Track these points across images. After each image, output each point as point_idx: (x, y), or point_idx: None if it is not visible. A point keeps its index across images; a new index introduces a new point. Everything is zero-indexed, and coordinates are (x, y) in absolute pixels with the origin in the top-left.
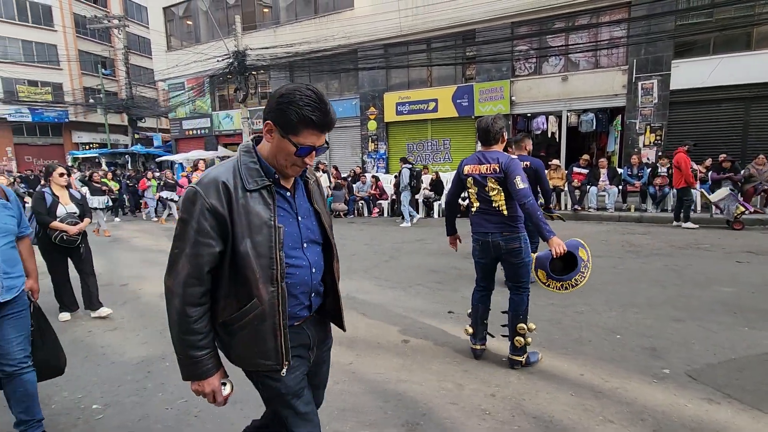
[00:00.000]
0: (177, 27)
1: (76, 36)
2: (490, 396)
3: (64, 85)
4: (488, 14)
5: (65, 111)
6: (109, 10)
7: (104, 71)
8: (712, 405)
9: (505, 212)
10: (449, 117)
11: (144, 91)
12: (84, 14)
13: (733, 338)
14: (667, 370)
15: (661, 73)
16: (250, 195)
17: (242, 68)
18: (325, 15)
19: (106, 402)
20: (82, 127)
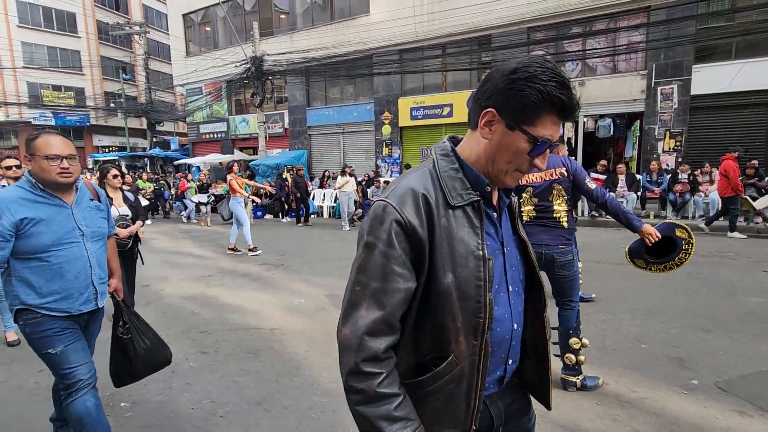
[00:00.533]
0: (196, 33)
1: (98, 42)
2: None
3: (86, 89)
4: (504, 20)
5: (87, 115)
6: (131, 17)
7: (125, 76)
8: (745, 417)
9: (565, 224)
10: (464, 122)
11: (163, 95)
12: (106, 21)
13: (763, 349)
14: (696, 381)
15: (681, 78)
16: (453, 213)
17: (259, 73)
18: (341, 21)
19: (134, 401)
20: (102, 130)
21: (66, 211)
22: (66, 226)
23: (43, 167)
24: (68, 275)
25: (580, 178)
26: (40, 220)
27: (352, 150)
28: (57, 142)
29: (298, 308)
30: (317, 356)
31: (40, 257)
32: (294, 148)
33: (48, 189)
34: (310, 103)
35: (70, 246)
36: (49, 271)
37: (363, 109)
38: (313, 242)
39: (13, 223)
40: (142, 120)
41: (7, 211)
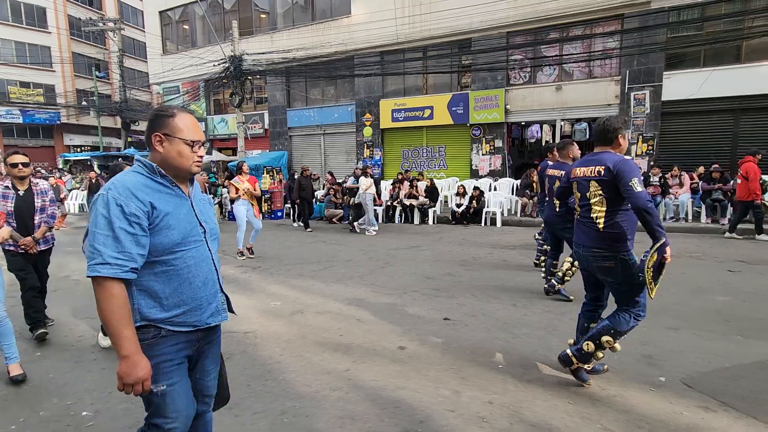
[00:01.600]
0: (173, 31)
1: (70, 38)
2: (488, 403)
3: (56, 86)
4: (484, 24)
5: (57, 113)
6: (105, 12)
7: (98, 74)
8: (709, 413)
9: (600, 226)
10: (444, 124)
11: (138, 94)
12: (78, 16)
13: (727, 347)
14: (663, 377)
15: (653, 84)
16: None
17: (238, 73)
18: (322, 21)
19: (97, 409)
20: (74, 129)
21: (187, 204)
22: (190, 221)
23: (183, 153)
24: (196, 281)
25: (624, 178)
26: (167, 213)
27: (333, 151)
28: (198, 126)
29: (275, 311)
30: (292, 359)
31: (166, 260)
32: (274, 149)
33: (168, 176)
34: (291, 103)
35: (196, 246)
36: (177, 278)
37: (344, 110)
38: (291, 244)
39: (145, 213)
40: (117, 119)
41: (135, 198)
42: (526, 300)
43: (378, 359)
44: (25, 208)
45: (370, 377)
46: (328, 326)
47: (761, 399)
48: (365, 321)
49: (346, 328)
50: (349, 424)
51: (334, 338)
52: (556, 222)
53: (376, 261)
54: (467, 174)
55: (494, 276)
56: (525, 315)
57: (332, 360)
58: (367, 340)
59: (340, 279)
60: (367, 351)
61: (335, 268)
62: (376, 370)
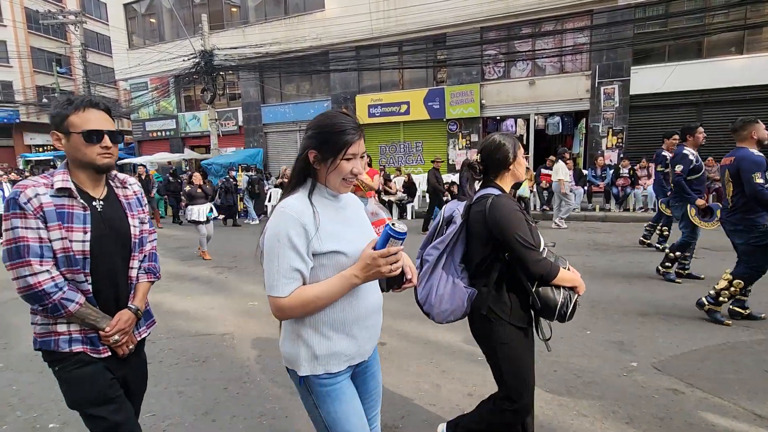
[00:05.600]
0: (139, 24)
1: (27, 32)
2: (468, 395)
3: (14, 83)
4: (458, 18)
5: (16, 111)
6: (65, 5)
7: (59, 69)
8: (678, 395)
9: (730, 203)
10: (421, 119)
11: (104, 90)
12: (36, 9)
13: (694, 330)
14: (635, 363)
15: (621, 79)
16: None
17: (210, 68)
18: (295, 15)
19: (65, 420)
20: (34, 128)
21: None
22: None
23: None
24: None
25: (743, 173)
26: None
27: None
28: None
29: (251, 311)
30: (270, 360)
31: None
32: (249, 147)
33: None
34: (265, 99)
35: None
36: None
37: (320, 106)
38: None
39: None
40: None
41: None
42: None
43: None
44: (113, 239)
45: None
46: None
47: (725, 379)
48: None
49: None
50: None
51: None
52: None
53: None
54: (444, 169)
55: None
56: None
57: None
58: None
59: None
60: None
61: None
62: None
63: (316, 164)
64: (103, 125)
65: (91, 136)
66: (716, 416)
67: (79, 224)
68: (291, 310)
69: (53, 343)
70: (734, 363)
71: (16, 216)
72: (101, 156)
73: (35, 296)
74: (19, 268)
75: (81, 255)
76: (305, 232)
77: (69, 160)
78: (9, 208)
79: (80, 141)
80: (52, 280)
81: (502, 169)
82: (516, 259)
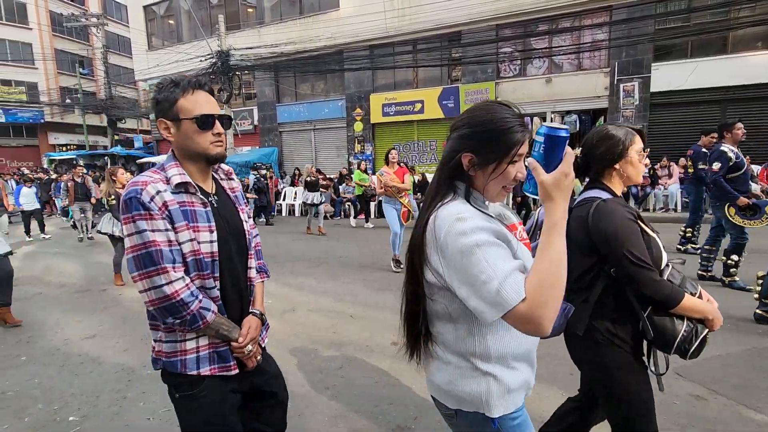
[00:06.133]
0: (158, 26)
1: (52, 34)
2: None
3: (39, 84)
4: (473, 16)
5: (41, 111)
6: (87, 8)
7: (82, 70)
8: (700, 401)
9: None
10: (435, 118)
11: (124, 91)
12: (60, 12)
13: (718, 334)
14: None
15: (641, 76)
16: None
17: (226, 68)
18: (310, 15)
19: (84, 413)
20: (58, 128)
21: None
22: None
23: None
24: None
25: None
26: None
27: (323, 147)
28: None
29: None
30: (284, 359)
31: None
32: (264, 146)
33: None
34: (280, 99)
35: None
36: None
37: (334, 105)
38: (281, 242)
39: None
40: (102, 117)
41: None
42: None
43: (371, 356)
44: (232, 237)
45: (363, 374)
46: (321, 324)
47: (751, 386)
48: (358, 318)
49: (338, 326)
50: (343, 422)
51: (326, 336)
52: None
53: (370, 256)
54: None
55: None
56: None
57: (325, 358)
58: (361, 337)
59: (332, 276)
60: (360, 348)
61: (328, 265)
62: (369, 367)
63: (472, 170)
64: (213, 109)
65: (206, 122)
66: (740, 424)
67: (204, 223)
68: (542, 307)
69: (180, 365)
70: (760, 369)
71: (141, 217)
72: (214, 145)
73: (172, 308)
74: (153, 276)
75: (209, 257)
76: (496, 230)
77: (177, 152)
78: (131, 208)
79: (192, 128)
80: (187, 288)
81: (606, 166)
82: (625, 278)
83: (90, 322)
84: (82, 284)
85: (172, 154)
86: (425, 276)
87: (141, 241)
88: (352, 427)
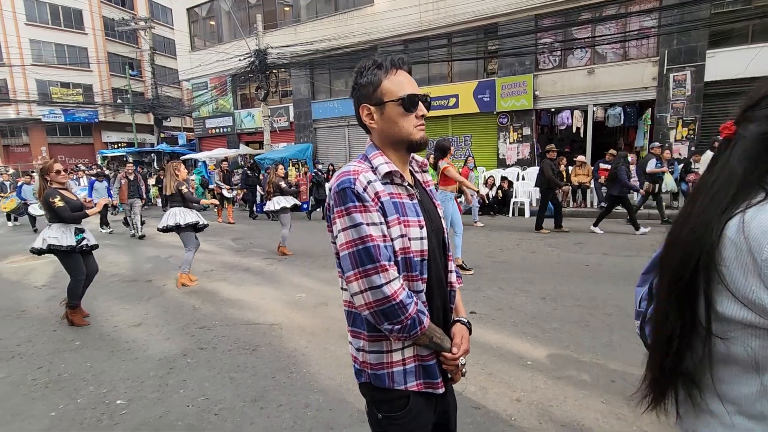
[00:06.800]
0: (200, 27)
1: (105, 38)
2: (516, 401)
3: (94, 86)
4: (511, 7)
5: (95, 111)
6: (136, 12)
7: (131, 72)
8: None
9: None
10: (470, 113)
11: (169, 90)
12: (112, 17)
13: None
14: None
15: (694, 64)
16: None
17: (263, 66)
18: (345, 12)
19: (130, 398)
20: (111, 126)
21: None
22: None
23: None
24: None
25: None
26: None
27: (357, 143)
28: None
29: (299, 303)
30: (316, 352)
31: None
32: (299, 142)
33: None
34: (315, 95)
35: None
36: None
37: None
38: (316, 236)
39: None
40: (150, 116)
41: None
42: (556, 293)
43: None
44: (435, 234)
45: None
46: None
47: None
48: None
49: None
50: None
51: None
52: None
53: None
54: (494, 164)
55: (522, 268)
56: (554, 309)
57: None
58: None
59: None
60: None
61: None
62: None
63: None
64: (415, 89)
65: (412, 103)
66: None
67: (413, 217)
68: None
69: (387, 378)
70: None
71: (356, 209)
72: (417, 129)
73: (391, 311)
74: (372, 275)
75: (419, 256)
76: None
77: (378, 140)
78: (345, 199)
79: (397, 111)
80: (404, 289)
81: None
82: None
83: (137, 311)
84: (130, 275)
85: (372, 144)
86: (718, 307)
87: (358, 236)
88: None
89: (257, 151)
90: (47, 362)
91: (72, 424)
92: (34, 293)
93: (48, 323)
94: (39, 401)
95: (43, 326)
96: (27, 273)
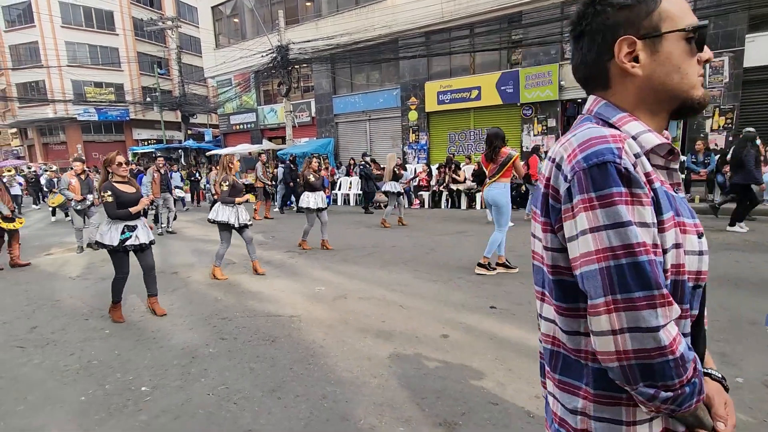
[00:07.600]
0: (225, 25)
1: (135, 38)
2: (535, 398)
3: (124, 85)
4: None
5: (126, 110)
6: (164, 12)
7: (160, 71)
8: None
9: None
10: (493, 105)
11: (195, 88)
12: (141, 17)
13: None
14: (741, 379)
15: (733, 49)
16: None
17: (285, 62)
18: (365, 5)
19: (154, 385)
20: (141, 124)
21: None
22: None
23: None
24: None
25: None
26: None
27: (378, 137)
28: None
29: (318, 296)
30: (333, 345)
31: None
32: (321, 137)
33: None
34: (336, 90)
35: None
36: None
37: (389, 95)
38: (337, 230)
39: None
40: (177, 113)
41: None
42: None
43: (420, 347)
44: None
45: (411, 365)
46: (371, 312)
47: None
48: (408, 307)
49: (388, 315)
50: (389, 412)
51: (376, 324)
52: None
53: (420, 247)
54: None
55: None
56: None
57: (373, 346)
58: (410, 327)
59: (384, 265)
60: (409, 338)
61: (379, 253)
62: (417, 358)
63: None
64: None
65: (703, 37)
66: None
67: (689, 219)
68: None
69: None
70: None
71: (620, 197)
72: (701, 80)
73: (662, 369)
74: (643, 310)
75: (694, 281)
76: None
77: (635, 95)
78: (603, 180)
79: (684, 49)
80: (681, 336)
81: None
82: None
83: (162, 301)
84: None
85: (607, 103)
86: None
87: (620, 242)
88: (398, 417)
89: (280, 146)
90: (78, 349)
91: (100, 408)
92: (69, 284)
93: (80, 312)
94: (70, 386)
95: (75, 315)
96: (62, 265)
